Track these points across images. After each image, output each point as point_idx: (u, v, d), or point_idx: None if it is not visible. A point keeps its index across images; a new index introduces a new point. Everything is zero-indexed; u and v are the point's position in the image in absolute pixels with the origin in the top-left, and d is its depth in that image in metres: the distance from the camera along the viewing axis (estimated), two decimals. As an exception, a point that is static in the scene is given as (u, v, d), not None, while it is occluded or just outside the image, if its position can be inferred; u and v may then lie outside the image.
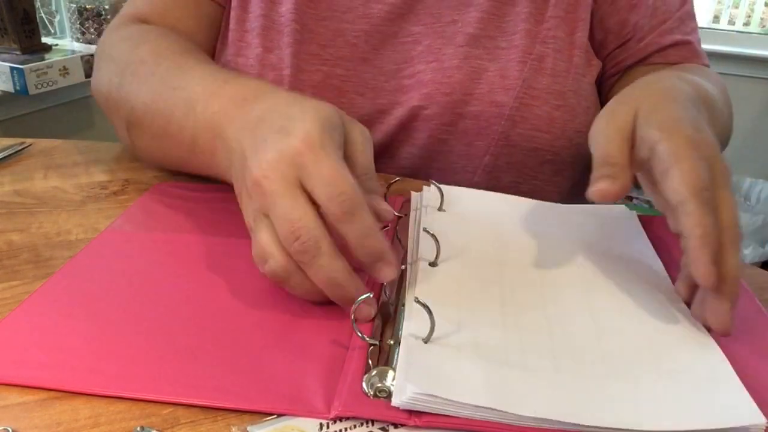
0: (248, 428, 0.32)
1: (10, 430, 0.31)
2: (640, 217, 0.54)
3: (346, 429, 0.32)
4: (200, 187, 0.58)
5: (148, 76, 0.56)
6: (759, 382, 0.35)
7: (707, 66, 0.67)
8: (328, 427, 0.32)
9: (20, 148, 0.67)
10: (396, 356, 0.35)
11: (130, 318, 0.39)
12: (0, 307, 0.40)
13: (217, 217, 0.52)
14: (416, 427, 0.32)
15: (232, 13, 0.67)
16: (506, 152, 0.63)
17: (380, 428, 0.32)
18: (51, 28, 1.92)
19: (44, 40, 1.69)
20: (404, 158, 0.66)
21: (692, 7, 0.68)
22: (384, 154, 0.66)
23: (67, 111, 1.77)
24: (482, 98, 0.62)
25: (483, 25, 0.63)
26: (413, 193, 0.56)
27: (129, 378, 0.34)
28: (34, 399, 0.33)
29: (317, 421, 0.32)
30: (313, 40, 0.65)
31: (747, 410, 0.32)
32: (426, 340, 0.36)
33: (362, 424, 0.32)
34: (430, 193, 0.54)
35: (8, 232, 0.51)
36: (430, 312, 0.36)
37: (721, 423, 0.31)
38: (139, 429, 0.31)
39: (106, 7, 1.79)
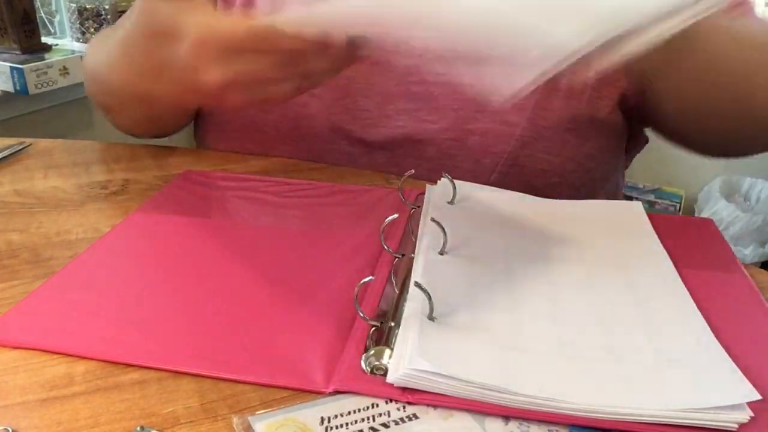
0: (249, 419, 0.32)
1: (10, 430, 0.31)
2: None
3: (347, 424, 0.32)
4: (224, 176, 0.61)
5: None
6: (759, 378, 0.35)
7: None
8: (329, 422, 0.32)
9: (20, 148, 0.67)
10: (394, 337, 0.37)
11: (150, 294, 0.42)
12: (0, 307, 0.41)
13: (237, 203, 0.56)
14: (408, 403, 0.33)
15: None
16: (513, 171, 0.62)
17: (382, 424, 0.32)
18: (51, 28, 1.92)
19: (44, 40, 1.68)
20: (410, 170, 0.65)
21: None
22: (390, 163, 0.65)
23: (67, 111, 1.76)
24: (493, 116, 0.61)
25: None
26: (428, 186, 0.57)
27: (142, 348, 0.37)
28: (34, 399, 0.33)
29: (318, 414, 0.32)
30: None
31: (742, 388, 0.33)
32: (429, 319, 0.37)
33: (363, 420, 0.32)
34: (443, 187, 0.55)
35: (8, 232, 0.51)
36: (428, 295, 0.37)
37: (718, 401, 0.32)
38: (139, 429, 0.31)
39: (106, 6, 1.79)
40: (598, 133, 0.63)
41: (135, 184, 0.60)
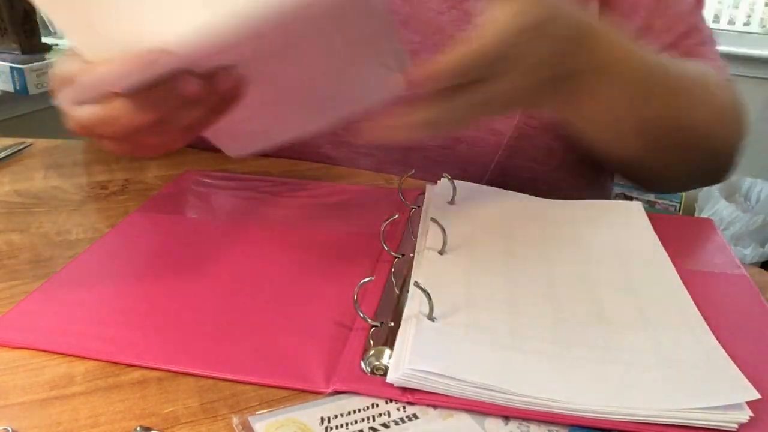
0: (249, 419, 0.32)
1: (10, 430, 0.31)
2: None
3: (347, 424, 0.32)
4: (224, 176, 0.61)
5: None
6: (759, 378, 0.35)
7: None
8: (329, 422, 0.32)
9: (20, 148, 0.67)
10: (394, 337, 0.37)
11: (150, 294, 0.42)
12: (0, 307, 0.41)
13: (237, 203, 0.56)
14: (408, 403, 0.33)
15: None
16: (501, 181, 0.61)
17: (382, 424, 0.32)
18: (51, 28, 1.92)
19: (44, 40, 1.68)
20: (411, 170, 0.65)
21: (697, 20, 0.63)
22: (375, 169, 0.65)
23: (67, 111, 1.76)
24: (480, 124, 0.60)
25: None
26: (428, 186, 0.57)
27: (142, 348, 0.37)
28: (34, 399, 0.33)
29: (318, 414, 0.32)
30: None
31: (741, 387, 0.33)
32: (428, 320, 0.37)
33: (363, 420, 0.32)
34: (443, 187, 0.55)
35: (8, 232, 0.51)
36: (428, 295, 0.37)
37: (718, 401, 0.32)
38: (139, 429, 0.31)
39: (106, 7, 1.79)
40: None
41: (135, 184, 0.60)
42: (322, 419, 0.32)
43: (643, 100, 0.52)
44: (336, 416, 0.32)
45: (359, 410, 0.33)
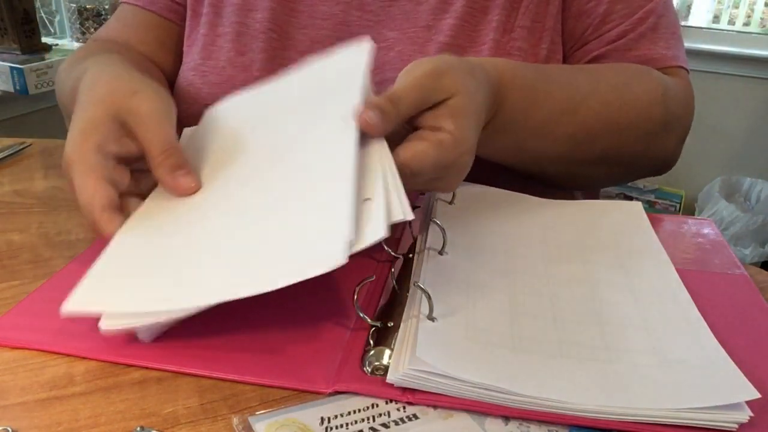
0: (249, 419, 0.32)
1: (10, 430, 0.31)
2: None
3: (347, 424, 0.32)
4: None
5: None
6: (759, 378, 0.35)
7: (678, 67, 0.63)
8: (329, 422, 0.32)
9: (20, 148, 0.67)
10: (394, 337, 0.37)
11: None
12: (0, 307, 0.41)
13: None
14: (408, 403, 0.33)
15: (204, 19, 0.68)
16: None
17: (382, 424, 0.32)
18: (51, 28, 1.92)
19: (44, 40, 1.68)
20: None
21: (656, 4, 0.63)
22: None
23: (67, 111, 1.76)
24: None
25: (455, 33, 0.62)
26: None
27: (142, 348, 0.37)
28: (34, 399, 0.33)
29: (318, 415, 0.32)
30: (292, 46, 0.65)
31: (741, 387, 0.33)
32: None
33: (363, 420, 0.32)
34: None
35: (8, 232, 0.51)
36: (428, 296, 0.37)
37: (718, 401, 0.32)
38: (139, 429, 0.31)
39: (106, 6, 1.79)
40: None
41: (135, 184, 0.60)
42: (322, 419, 0.32)
43: (548, 140, 0.55)
44: (336, 416, 0.32)
45: (359, 410, 0.33)
